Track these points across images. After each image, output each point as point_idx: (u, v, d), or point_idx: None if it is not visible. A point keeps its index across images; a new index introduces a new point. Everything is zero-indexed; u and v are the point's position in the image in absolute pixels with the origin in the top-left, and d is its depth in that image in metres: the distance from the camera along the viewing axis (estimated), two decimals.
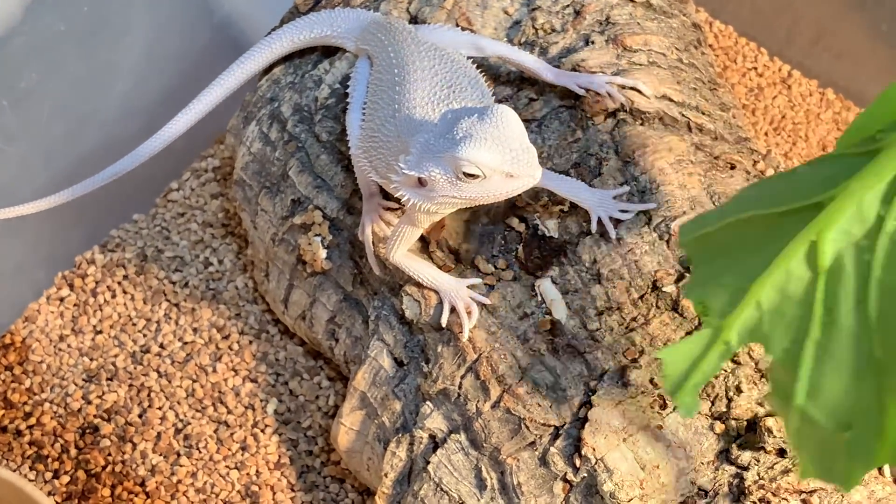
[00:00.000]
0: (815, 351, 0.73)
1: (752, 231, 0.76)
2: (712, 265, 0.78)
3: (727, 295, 0.76)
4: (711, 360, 0.78)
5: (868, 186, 0.70)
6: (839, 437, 0.73)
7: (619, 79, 1.04)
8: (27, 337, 1.23)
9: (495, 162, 0.83)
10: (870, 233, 0.70)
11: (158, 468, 1.14)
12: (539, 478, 0.90)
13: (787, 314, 0.75)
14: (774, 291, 0.75)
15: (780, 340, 0.75)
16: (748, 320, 0.76)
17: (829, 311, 0.73)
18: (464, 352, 0.95)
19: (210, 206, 1.32)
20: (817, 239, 0.72)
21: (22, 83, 1.18)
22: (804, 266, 0.73)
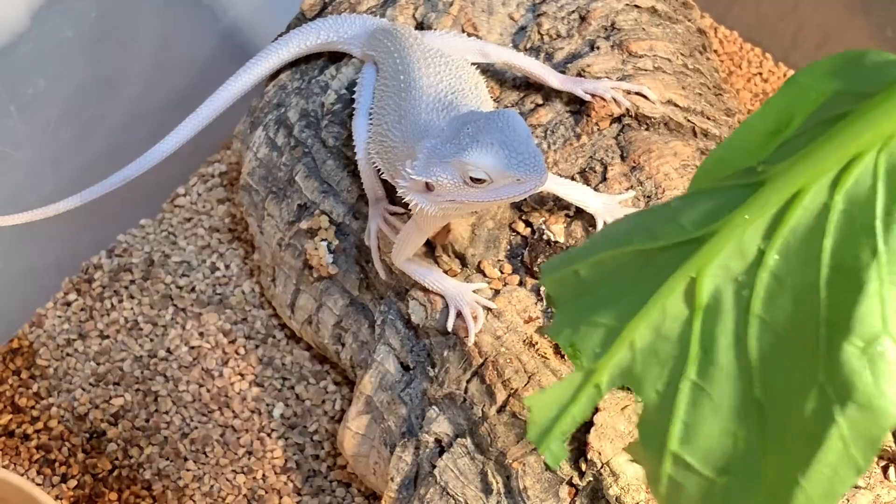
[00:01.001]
0: (690, 392, 0.70)
1: (626, 268, 0.72)
2: (580, 304, 0.74)
3: (600, 336, 0.72)
4: (580, 404, 0.74)
5: (750, 221, 0.66)
6: (715, 483, 0.70)
7: (625, 84, 1.05)
8: (34, 341, 1.23)
9: (502, 166, 0.83)
10: (750, 268, 0.67)
11: (165, 472, 1.14)
12: (545, 482, 0.90)
13: (662, 354, 0.70)
14: (649, 331, 0.70)
15: (653, 382, 0.71)
16: (621, 361, 0.72)
17: (705, 351, 0.69)
18: (469, 356, 0.95)
19: (217, 212, 1.32)
20: (696, 275, 0.68)
21: (29, 89, 1.18)
22: (681, 303, 0.69)
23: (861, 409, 0.62)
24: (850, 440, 0.63)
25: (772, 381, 0.67)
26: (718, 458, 0.70)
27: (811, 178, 0.64)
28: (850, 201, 0.63)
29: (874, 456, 0.62)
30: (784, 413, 0.67)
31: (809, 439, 0.64)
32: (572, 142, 1.04)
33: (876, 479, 0.87)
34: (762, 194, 0.66)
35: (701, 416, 0.70)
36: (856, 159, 0.63)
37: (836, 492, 0.64)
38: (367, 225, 1.05)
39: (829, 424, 0.63)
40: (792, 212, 0.65)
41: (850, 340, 0.61)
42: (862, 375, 0.61)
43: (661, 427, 0.71)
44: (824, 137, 0.64)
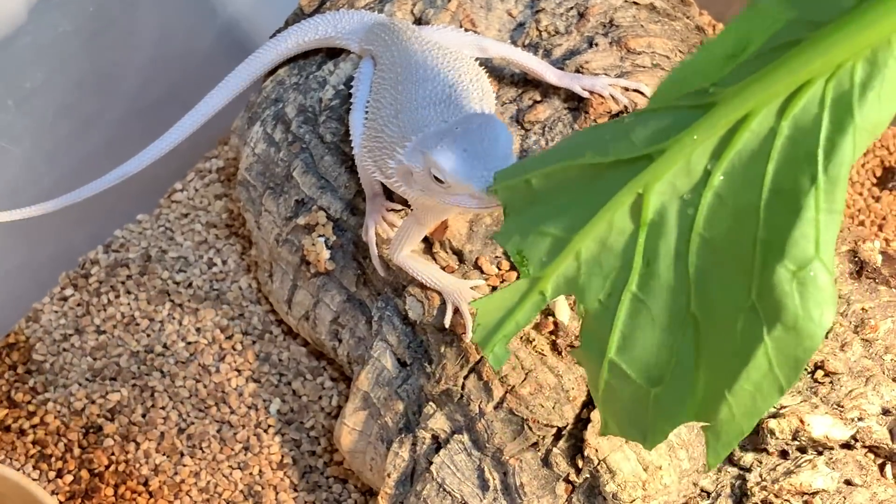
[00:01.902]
0: (630, 304, 0.72)
1: (576, 180, 0.73)
2: (530, 213, 0.75)
3: (547, 245, 0.74)
4: (525, 309, 0.76)
5: (699, 142, 0.67)
6: (648, 392, 0.72)
7: (623, 81, 1.05)
8: (31, 336, 1.23)
9: (458, 175, 0.81)
10: (696, 187, 0.68)
11: (161, 468, 1.14)
12: (542, 478, 0.90)
13: (606, 265, 0.72)
14: (595, 243, 0.72)
15: (595, 291, 0.73)
16: (566, 271, 0.74)
17: (647, 265, 0.70)
18: (467, 352, 0.95)
19: (214, 207, 1.32)
20: (644, 191, 0.69)
21: (27, 83, 1.18)
22: (627, 218, 0.70)
23: (788, 330, 0.63)
24: (775, 360, 0.64)
25: (708, 298, 0.68)
26: (652, 369, 0.71)
27: (760, 102, 0.65)
28: (795, 127, 0.63)
29: (797, 377, 0.64)
30: (717, 329, 0.68)
31: (738, 356, 0.65)
32: None
33: (873, 477, 0.87)
34: (711, 116, 0.66)
35: (639, 328, 0.71)
36: (804, 87, 0.63)
37: (759, 409, 0.66)
38: (364, 221, 1.04)
39: (757, 343, 0.64)
40: (740, 134, 0.66)
41: (782, 263, 0.62)
42: (791, 298, 0.62)
43: (602, 335, 0.73)
44: (775, 63, 0.64)
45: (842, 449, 0.88)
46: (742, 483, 0.87)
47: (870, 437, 0.88)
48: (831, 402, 0.89)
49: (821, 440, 0.87)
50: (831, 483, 0.86)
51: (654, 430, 0.72)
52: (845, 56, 0.62)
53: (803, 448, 0.88)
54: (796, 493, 0.86)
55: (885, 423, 0.88)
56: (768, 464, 0.87)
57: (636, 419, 0.73)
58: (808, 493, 0.86)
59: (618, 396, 0.74)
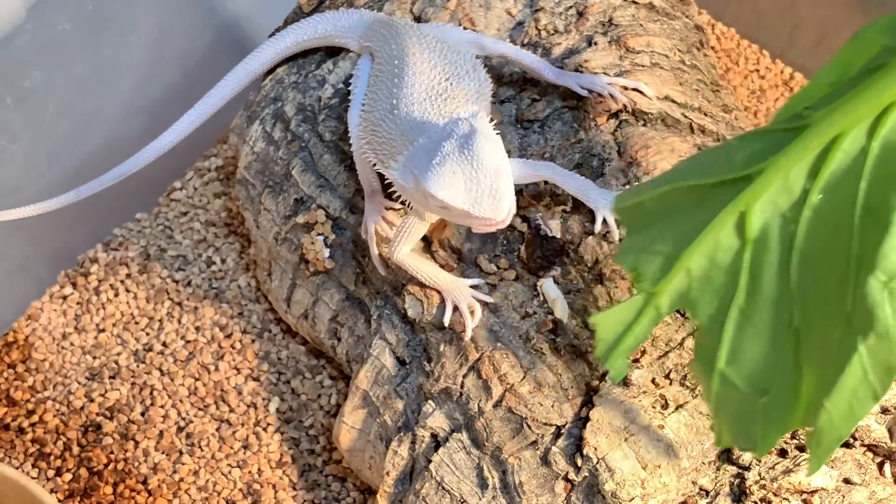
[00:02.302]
0: (738, 317, 0.76)
1: (684, 201, 0.78)
2: (645, 233, 0.80)
3: (659, 262, 0.79)
4: (643, 324, 0.81)
5: (794, 161, 0.72)
6: (756, 401, 0.76)
7: (622, 80, 1.05)
8: (30, 335, 1.23)
9: (456, 201, 0.83)
10: (795, 205, 0.72)
11: (160, 466, 1.14)
12: (540, 477, 0.90)
13: (715, 281, 0.77)
14: (704, 259, 0.77)
15: (706, 307, 0.77)
16: (678, 286, 0.78)
17: (753, 280, 0.75)
18: (466, 351, 0.95)
19: (213, 206, 1.32)
20: (746, 210, 0.74)
21: (26, 81, 1.18)
22: (733, 235, 0.75)
23: (880, 338, 0.67)
24: (869, 367, 0.68)
25: (808, 311, 0.72)
26: (759, 379, 0.76)
27: (849, 123, 0.69)
28: (885, 147, 0.68)
29: (891, 383, 0.67)
30: (817, 340, 0.72)
31: (835, 365, 0.69)
32: (569, 137, 1.04)
33: (871, 476, 0.88)
34: (804, 137, 0.72)
35: (746, 340, 0.76)
36: (891, 107, 0.68)
37: (856, 415, 0.70)
38: (363, 219, 1.04)
39: (852, 352, 0.68)
40: (833, 154, 0.70)
41: (874, 274, 0.67)
42: (882, 307, 0.67)
43: (712, 348, 0.77)
44: (862, 86, 0.69)
45: (841, 448, 0.88)
46: (741, 481, 0.88)
47: (868, 435, 0.88)
48: None
49: None
50: (830, 481, 0.86)
51: (764, 439, 0.76)
52: None
53: (802, 447, 0.88)
54: (795, 492, 0.86)
55: (883, 422, 0.89)
56: (767, 462, 0.87)
57: (746, 428, 0.77)
58: (806, 492, 0.86)
59: (728, 407, 0.78)
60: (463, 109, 0.95)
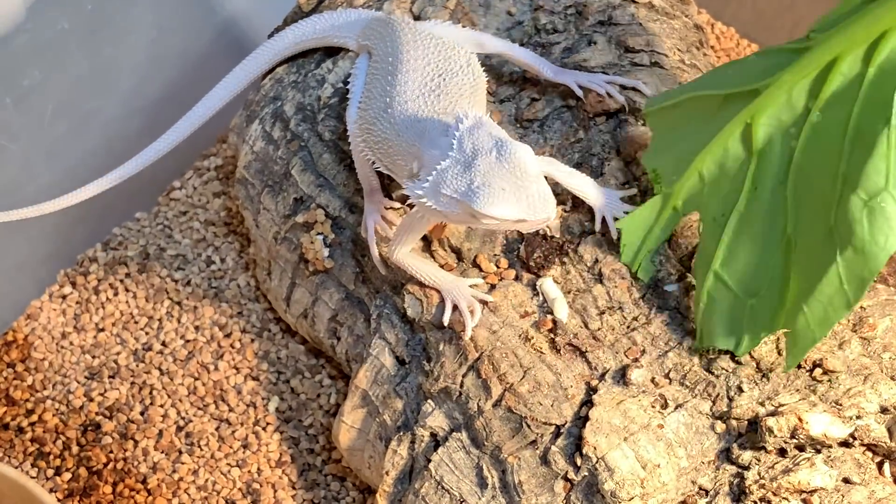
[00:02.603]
0: (736, 222, 0.82)
1: (701, 109, 0.84)
2: (668, 136, 0.86)
3: (673, 164, 0.85)
4: (662, 224, 0.87)
5: (795, 80, 0.77)
6: (745, 303, 0.82)
7: (620, 78, 1.05)
8: (29, 334, 1.23)
9: (512, 214, 0.84)
10: (797, 121, 0.78)
11: (160, 466, 1.14)
12: (540, 476, 0.90)
13: (722, 187, 0.82)
14: (714, 165, 0.83)
15: (712, 210, 0.83)
16: (692, 189, 0.84)
17: (754, 188, 0.81)
18: (465, 350, 0.95)
19: (212, 205, 1.32)
20: (751, 122, 0.80)
21: (25, 81, 1.18)
22: (740, 145, 0.81)
23: (856, 252, 0.73)
24: (845, 278, 0.74)
25: (800, 222, 0.78)
26: (750, 282, 0.82)
27: (845, 48, 0.75)
28: (879, 74, 0.73)
29: (863, 295, 0.74)
30: (805, 250, 0.78)
31: (816, 273, 0.75)
32: (568, 136, 1.04)
33: (871, 475, 0.87)
34: (804, 58, 0.77)
35: (742, 244, 0.82)
36: (884, 37, 0.73)
37: (830, 320, 0.77)
38: (363, 219, 1.04)
39: (831, 263, 0.74)
40: (832, 77, 0.76)
41: (856, 193, 0.72)
42: (861, 223, 0.72)
43: (711, 250, 0.83)
44: (858, 14, 0.74)
45: (840, 447, 0.88)
46: (740, 481, 0.87)
47: (868, 435, 0.88)
48: (830, 400, 0.89)
49: (819, 438, 0.87)
50: (829, 481, 0.86)
51: (746, 338, 0.83)
52: None
53: (802, 446, 0.88)
54: (795, 492, 0.86)
55: (883, 422, 0.88)
56: (767, 462, 0.87)
57: (731, 328, 0.84)
58: (806, 491, 0.86)
59: (717, 306, 0.84)
60: (457, 105, 0.95)
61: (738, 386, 0.90)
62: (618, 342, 0.94)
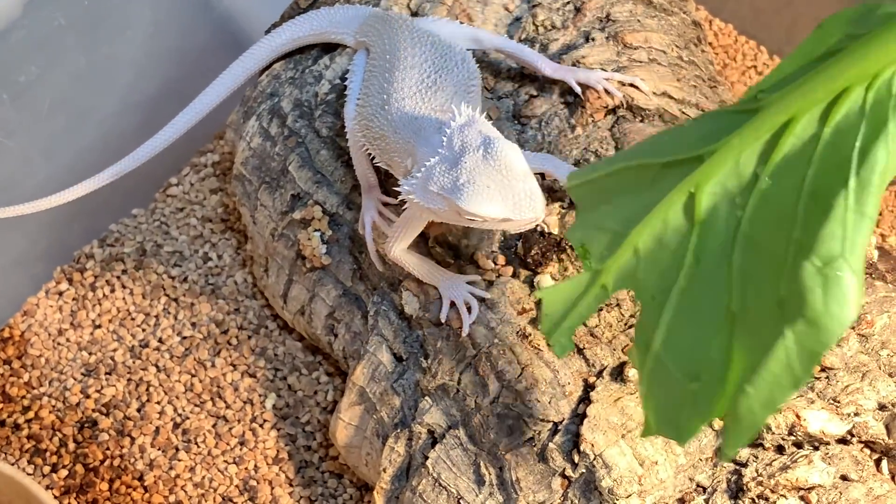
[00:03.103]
0: (677, 300, 0.75)
1: (636, 179, 0.77)
2: (596, 211, 0.79)
3: (607, 239, 0.78)
4: (587, 302, 0.79)
5: (746, 144, 0.71)
6: (687, 387, 0.75)
7: (618, 75, 1.05)
8: (26, 331, 1.23)
9: (495, 212, 0.83)
10: (744, 189, 0.72)
11: (157, 462, 1.14)
12: (537, 473, 0.90)
13: (661, 262, 0.76)
14: (651, 239, 0.76)
15: (650, 288, 0.76)
16: (625, 266, 0.77)
17: (697, 263, 0.74)
18: (463, 347, 0.95)
19: (209, 201, 1.32)
20: (695, 191, 0.73)
21: (22, 77, 1.18)
22: (681, 216, 0.74)
23: (808, 324, 0.66)
24: (794, 353, 0.67)
25: (746, 297, 0.71)
26: (692, 365, 0.74)
27: (801, 108, 0.69)
28: (836, 134, 0.67)
29: (811, 371, 0.66)
30: (751, 327, 0.71)
31: (762, 349, 0.68)
32: (567, 133, 1.03)
33: (869, 473, 0.87)
34: (757, 120, 0.71)
35: (682, 324, 0.75)
36: (844, 94, 0.67)
37: (775, 401, 0.68)
38: (360, 215, 1.04)
39: (779, 337, 0.67)
40: (785, 139, 0.70)
41: (810, 259, 0.66)
42: (814, 292, 0.66)
43: (651, 330, 0.76)
44: (815, 71, 0.68)
45: (838, 444, 0.88)
46: (738, 478, 0.87)
47: (866, 432, 0.88)
48: (827, 397, 0.89)
49: (817, 435, 0.87)
50: (827, 478, 0.86)
51: (687, 426, 0.75)
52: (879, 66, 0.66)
53: (799, 443, 0.88)
54: (792, 489, 0.86)
55: (881, 419, 0.88)
56: (764, 459, 0.87)
57: (673, 415, 0.76)
58: (803, 489, 0.86)
59: (659, 391, 0.77)
60: (453, 101, 0.95)
61: None
62: (615, 339, 0.94)
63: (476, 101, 0.99)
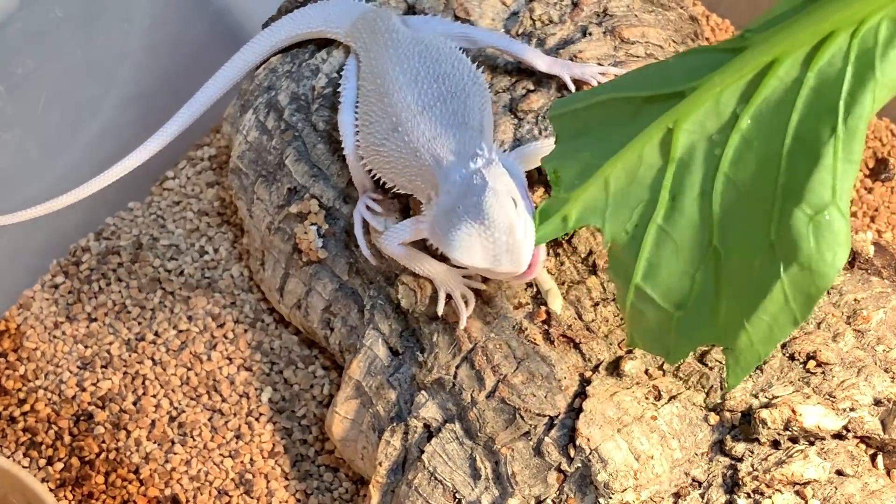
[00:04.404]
0: (655, 234, 0.78)
1: (616, 112, 0.78)
2: (575, 141, 0.80)
3: (580, 169, 0.79)
4: (545, 229, 0.82)
5: (727, 83, 0.72)
6: (671, 315, 0.79)
7: (613, 69, 1.04)
8: (22, 324, 1.23)
9: (476, 263, 0.83)
10: (723, 128, 0.73)
11: (152, 456, 1.14)
12: (533, 467, 0.90)
13: (634, 197, 0.78)
14: (624, 174, 0.78)
15: (622, 222, 0.79)
16: (592, 198, 0.79)
17: (673, 199, 0.76)
18: (459, 341, 0.95)
19: (206, 195, 1.31)
20: (673, 127, 0.75)
21: (19, 69, 1.18)
22: (657, 153, 0.76)
23: (802, 269, 0.69)
24: (791, 295, 0.70)
25: (730, 234, 0.74)
26: (676, 294, 0.78)
27: (786, 50, 0.70)
28: (820, 79, 0.69)
29: (810, 312, 0.70)
30: (737, 263, 0.74)
31: (756, 290, 0.72)
32: None
33: (864, 468, 0.88)
34: (740, 59, 0.72)
35: (663, 257, 0.78)
36: (829, 39, 0.68)
37: (775, 338, 0.73)
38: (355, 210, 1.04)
39: (775, 279, 0.70)
40: (767, 81, 0.71)
41: (800, 207, 0.68)
42: (807, 239, 0.68)
43: (629, 263, 0.79)
44: (802, 13, 0.69)
45: (833, 439, 0.88)
46: (734, 473, 0.87)
47: (861, 427, 0.88)
48: (823, 392, 0.89)
49: (812, 430, 0.87)
50: (822, 473, 0.86)
51: (676, 349, 0.79)
52: (865, 12, 0.67)
53: (795, 438, 0.88)
54: (788, 483, 0.86)
55: (876, 414, 0.89)
56: (760, 454, 0.87)
57: (660, 338, 0.80)
58: (799, 483, 0.86)
59: (643, 318, 0.81)
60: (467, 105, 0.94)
61: None
62: (612, 334, 0.94)
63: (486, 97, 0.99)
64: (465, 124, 0.93)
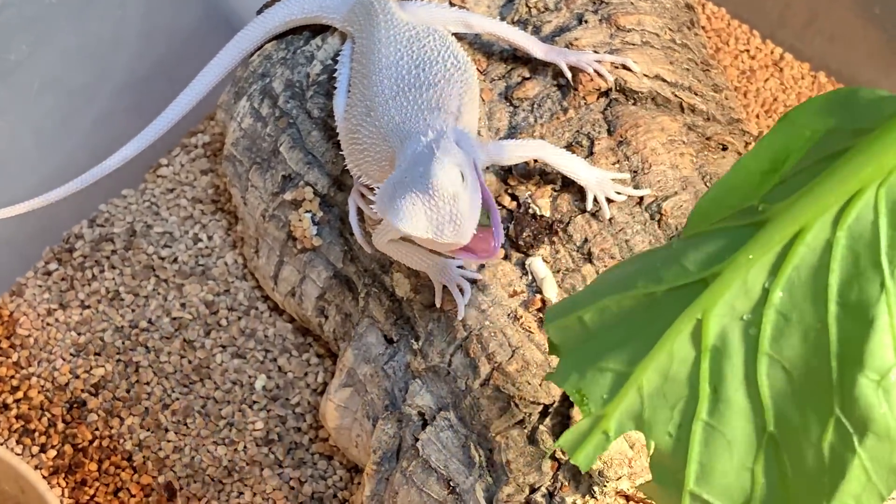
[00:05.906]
0: (703, 432, 0.71)
1: (631, 312, 0.73)
2: (585, 350, 0.74)
3: (608, 382, 0.73)
4: (586, 452, 0.75)
5: (755, 260, 0.67)
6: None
7: (609, 56, 1.04)
8: (14, 311, 1.22)
9: (419, 231, 0.82)
10: (756, 307, 0.68)
11: (146, 443, 1.13)
12: (528, 455, 0.90)
13: (671, 396, 0.72)
14: (657, 374, 0.71)
15: (663, 424, 0.72)
16: (630, 406, 0.73)
17: (715, 391, 0.70)
18: (454, 329, 0.95)
19: (200, 182, 1.31)
20: (703, 317, 0.69)
21: (11, 55, 1.17)
22: (689, 346, 0.70)
23: (879, 438, 0.64)
24: (872, 469, 0.65)
25: (785, 416, 0.68)
26: (737, 494, 0.71)
27: (813, 215, 0.65)
28: (852, 237, 0.64)
29: (895, 484, 0.64)
30: (800, 446, 0.68)
31: (831, 470, 0.66)
32: (559, 115, 1.03)
33: None
34: (765, 233, 0.67)
35: (716, 455, 0.71)
36: (856, 195, 0.63)
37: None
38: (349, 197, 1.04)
39: (850, 456, 0.65)
40: (795, 249, 0.66)
41: (864, 374, 0.63)
42: (878, 407, 0.63)
43: (677, 468, 0.72)
44: (825, 174, 0.64)
45: None
46: None
47: None
48: None
49: None
50: None
51: None
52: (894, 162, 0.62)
53: None
54: None
55: None
56: None
57: None
58: None
59: None
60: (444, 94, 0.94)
61: None
62: None
63: (473, 88, 0.98)
64: (438, 108, 0.92)
